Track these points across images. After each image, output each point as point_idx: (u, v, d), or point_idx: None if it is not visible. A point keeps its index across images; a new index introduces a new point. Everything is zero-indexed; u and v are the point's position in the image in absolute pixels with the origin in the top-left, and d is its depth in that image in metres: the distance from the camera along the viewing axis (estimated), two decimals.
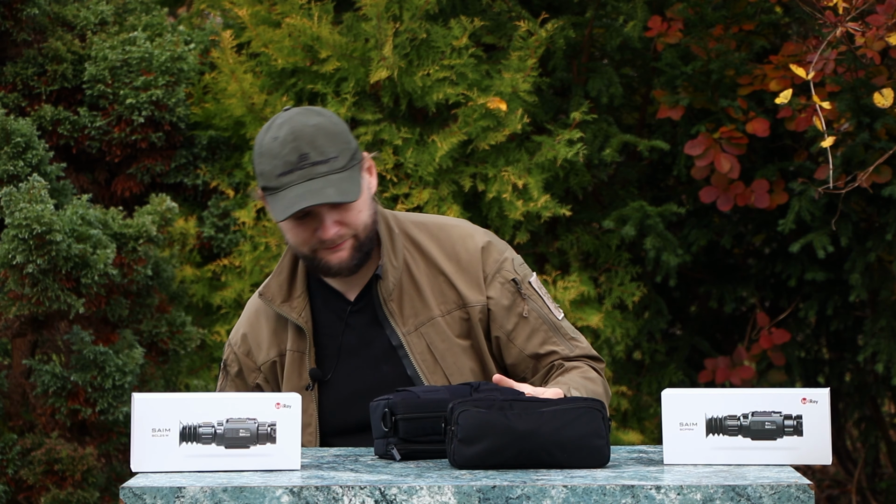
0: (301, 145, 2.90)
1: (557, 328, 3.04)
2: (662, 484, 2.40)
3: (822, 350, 6.11)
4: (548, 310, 3.04)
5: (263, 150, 2.93)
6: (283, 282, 3.03)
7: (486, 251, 3.04)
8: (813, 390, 2.62)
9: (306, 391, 3.00)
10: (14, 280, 4.48)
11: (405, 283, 3.00)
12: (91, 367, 4.54)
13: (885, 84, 4.91)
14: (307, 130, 2.91)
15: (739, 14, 5.43)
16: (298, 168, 2.89)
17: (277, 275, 3.04)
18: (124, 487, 2.41)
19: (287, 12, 5.25)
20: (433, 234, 3.05)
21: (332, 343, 3.02)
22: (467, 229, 3.07)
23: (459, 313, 3.01)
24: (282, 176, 2.89)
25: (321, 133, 2.92)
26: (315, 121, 2.94)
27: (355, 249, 2.94)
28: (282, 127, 2.93)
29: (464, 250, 3.03)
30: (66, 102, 5.23)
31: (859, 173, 4.81)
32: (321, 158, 2.89)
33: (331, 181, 2.88)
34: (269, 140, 2.93)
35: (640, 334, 5.49)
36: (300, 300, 3.01)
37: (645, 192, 5.65)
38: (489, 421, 2.58)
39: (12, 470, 4.55)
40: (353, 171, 2.93)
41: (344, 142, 2.93)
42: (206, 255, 5.33)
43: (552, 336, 3.03)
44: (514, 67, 5.16)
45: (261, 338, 3.06)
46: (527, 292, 3.03)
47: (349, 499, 2.40)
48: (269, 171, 2.91)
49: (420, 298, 3.00)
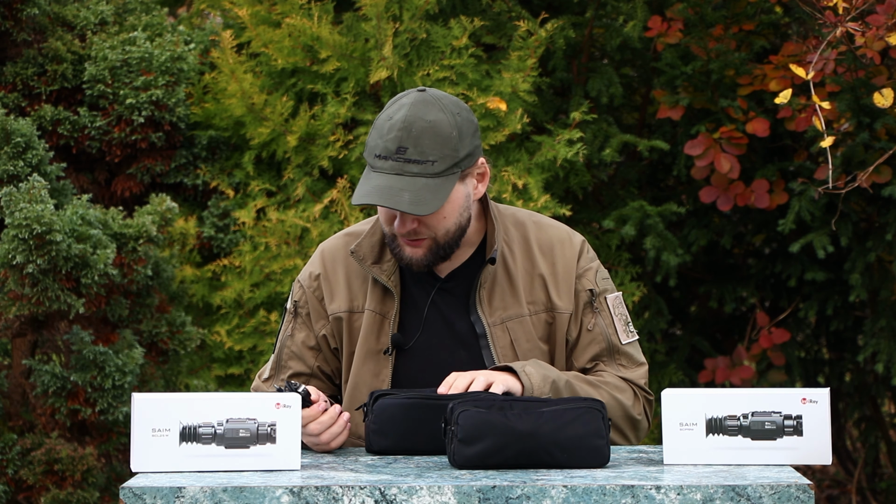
0: (405, 138, 2.87)
1: (614, 350, 3.01)
2: (662, 484, 2.40)
3: (822, 350, 6.11)
4: (613, 330, 3.01)
5: (377, 123, 2.93)
6: (375, 244, 3.02)
7: (581, 259, 3.04)
8: (813, 390, 2.62)
9: (383, 355, 2.98)
10: (14, 280, 4.48)
11: (499, 275, 2.99)
12: (91, 367, 4.54)
13: (885, 84, 4.91)
14: (418, 125, 2.87)
15: (739, 14, 5.43)
16: (393, 159, 2.87)
17: (370, 235, 3.02)
18: (124, 487, 2.41)
19: (287, 12, 5.25)
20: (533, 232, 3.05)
21: (415, 314, 2.99)
22: (565, 232, 3.07)
23: (545, 316, 3.00)
24: (377, 158, 2.88)
25: (431, 133, 2.87)
26: (432, 118, 2.88)
27: (431, 251, 2.93)
28: (400, 109, 2.90)
29: (561, 255, 3.03)
30: (66, 102, 5.23)
31: (859, 173, 4.81)
32: (418, 158, 2.86)
33: (416, 185, 2.85)
34: (385, 117, 2.91)
35: (639, 334, 5.48)
36: (390, 264, 2.99)
37: (645, 192, 5.65)
38: (489, 421, 2.58)
39: (12, 470, 4.55)
40: (448, 179, 2.88)
41: (451, 148, 2.88)
42: (206, 255, 5.33)
43: (604, 357, 3.01)
44: (514, 67, 5.16)
45: (335, 287, 3.03)
46: (598, 307, 3.02)
47: (349, 499, 2.40)
48: (371, 146, 2.91)
49: (512, 293, 2.99)
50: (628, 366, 3.01)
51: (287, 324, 3.07)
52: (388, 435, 2.80)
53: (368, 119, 5.15)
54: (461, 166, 2.90)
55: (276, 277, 5.17)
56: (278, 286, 5.16)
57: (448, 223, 2.92)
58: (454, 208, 2.92)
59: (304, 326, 3.05)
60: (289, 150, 5.23)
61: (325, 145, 5.18)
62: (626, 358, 3.01)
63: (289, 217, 5.14)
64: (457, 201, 2.92)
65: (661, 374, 5.51)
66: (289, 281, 5.13)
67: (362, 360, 2.98)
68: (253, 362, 5.22)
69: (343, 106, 5.14)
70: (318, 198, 5.19)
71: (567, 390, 2.88)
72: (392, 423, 2.79)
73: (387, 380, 2.97)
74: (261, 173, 5.32)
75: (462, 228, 2.95)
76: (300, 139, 5.20)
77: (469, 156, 2.92)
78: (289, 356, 3.04)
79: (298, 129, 5.17)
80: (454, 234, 2.94)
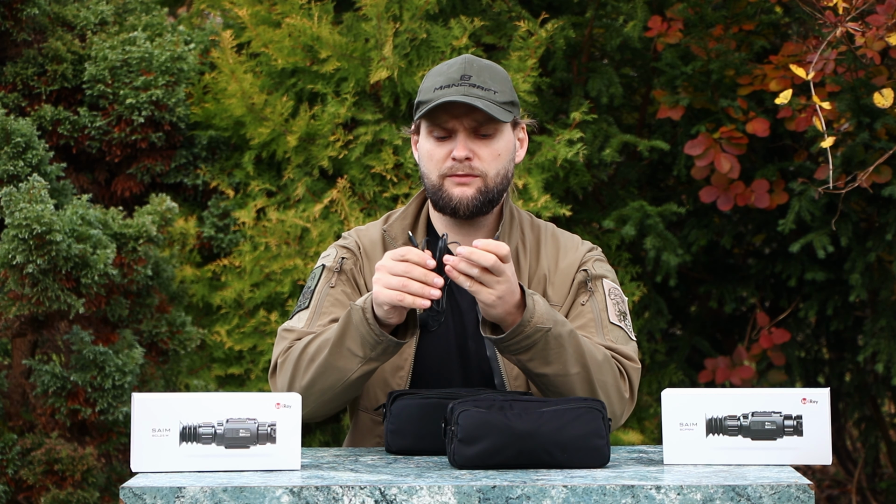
0: (468, 68, 2.95)
1: (602, 324, 3.00)
2: (662, 484, 2.40)
3: (822, 350, 6.12)
4: (604, 307, 3.01)
5: (432, 71, 3.00)
6: (406, 227, 3.07)
7: (584, 256, 3.06)
8: (813, 390, 2.62)
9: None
10: (14, 280, 4.48)
11: None
12: (91, 367, 4.54)
13: (885, 84, 4.92)
14: (479, 63, 2.97)
15: (739, 14, 5.43)
16: (457, 84, 2.94)
17: (402, 219, 3.08)
18: (124, 487, 2.41)
19: (287, 12, 5.25)
20: (547, 235, 3.08)
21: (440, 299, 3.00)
22: (578, 239, 3.11)
23: None
24: (438, 90, 2.94)
25: (491, 70, 2.98)
26: (488, 63, 2.99)
27: (480, 192, 2.97)
28: (456, 59, 2.99)
29: (565, 256, 3.06)
30: (66, 102, 5.23)
31: (859, 173, 4.81)
32: (482, 85, 2.94)
33: (483, 102, 2.92)
34: (440, 65, 3.00)
35: (640, 334, 5.49)
36: (421, 246, 3.01)
37: (645, 192, 5.65)
38: (489, 421, 2.58)
39: (12, 470, 4.55)
40: (507, 113, 2.96)
41: (508, 88, 2.98)
42: (206, 255, 5.33)
43: (591, 328, 2.99)
44: (514, 67, 5.16)
45: (368, 266, 3.06)
46: (593, 287, 3.03)
47: (349, 499, 2.40)
48: (428, 86, 2.97)
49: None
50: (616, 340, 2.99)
51: (327, 279, 3.04)
52: (405, 435, 2.81)
53: (368, 119, 5.15)
54: (515, 111, 2.99)
55: (276, 277, 5.17)
56: (278, 286, 5.16)
57: (500, 164, 2.97)
58: (507, 149, 3.00)
59: (348, 283, 3.06)
60: (289, 150, 5.23)
61: (325, 145, 5.18)
62: (613, 334, 2.99)
63: (289, 217, 5.14)
64: (509, 143, 3.00)
65: (661, 374, 5.51)
66: (289, 281, 5.13)
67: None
68: (253, 362, 5.22)
69: (343, 106, 5.14)
70: (318, 198, 5.19)
71: (570, 338, 2.83)
72: (410, 424, 2.80)
73: (410, 359, 2.98)
74: (261, 173, 5.32)
75: (507, 180, 2.99)
76: (300, 139, 5.20)
77: (518, 106, 3.00)
78: (331, 303, 3.02)
79: (298, 129, 5.17)
80: (501, 180, 2.98)
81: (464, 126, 2.94)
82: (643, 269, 5.51)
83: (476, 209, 2.98)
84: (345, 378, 2.84)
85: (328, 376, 2.85)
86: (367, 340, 2.80)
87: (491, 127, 2.96)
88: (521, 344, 2.79)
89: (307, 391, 2.86)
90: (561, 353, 2.82)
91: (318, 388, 2.86)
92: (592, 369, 2.86)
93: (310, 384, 2.86)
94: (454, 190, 2.96)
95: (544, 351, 2.81)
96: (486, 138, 2.96)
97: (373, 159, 5.15)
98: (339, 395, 2.87)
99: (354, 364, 2.83)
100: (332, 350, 2.83)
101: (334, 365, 2.84)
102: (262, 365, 5.18)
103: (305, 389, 2.86)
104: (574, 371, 2.83)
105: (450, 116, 2.94)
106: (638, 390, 3.07)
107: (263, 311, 5.19)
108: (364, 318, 2.79)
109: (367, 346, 2.81)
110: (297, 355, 2.90)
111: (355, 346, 2.82)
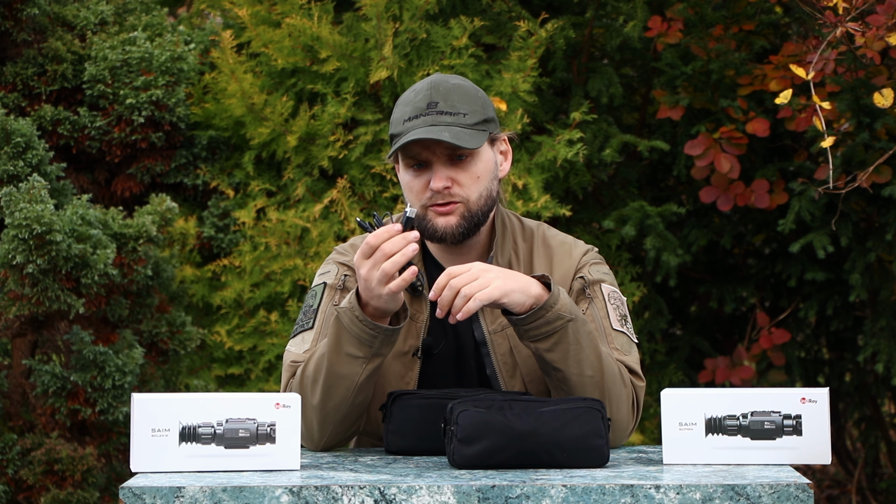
0: (433, 95, 2.91)
1: (606, 332, 2.97)
2: (662, 483, 2.40)
3: (822, 350, 6.11)
4: (605, 314, 2.98)
5: (400, 99, 2.96)
6: None
7: (581, 260, 3.03)
8: (812, 390, 2.62)
9: (411, 357, 2.96)
10: (14, 280, 4.48)
11: None
12: (91, 367, 4.54)
13: (885, 84, 4.91)
14: (445, 85, 2.93)
15: (739, 14, 5.43)
16: (425, 114, 2.90)
17: None
18: (124, 487, 2.42)
19: (287, 12, 5.25)
20: (539, 241, 3.05)
21: (436, 319, 2.95)
22: (571, 240, 3.07)
23: None
24: (407, 121, 2.90)
25: (458, 91, 2.93)
26: (456, 81, 2.95)
27: (464, 218, 2.93)
28: (423, 81, 2.96)
29: (560, 261, 3.02)
30: (66, 102, 5.23)
31: (859, 173, 4.81)
32: (450, 111, 2.90)
33: (452, 130, 2.88)
34: (407, 92, 2.96)
35: (640, 334, 5.49)
36: (418, 265, 2.98)
37: (645, 192, 5.65)
38: (488, 421, 2.58)
39: (12, 470, 4.55)
40: (480, 133, 2.92)
41: (480, 105, 2.93)
42: (206, 255, 5.33)
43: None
44: (514, 67, 5.16)
45: None
46: (591, 294, 3.00)
47: (349, 499, 2.40)
48: (398, 117, 2.93)
49: None
50: (621, 349, 2.96)
51: (330, 297, 3.01)
52: (405, 435, 2.80)
53: (368, 119, 5.15)
54: (490, 127, 2.94)
55: (276, 277, 5.17)
56: (278, 286, 5.16)
57: (480, 186, 2.93)
58: (487, 169, 2.95)
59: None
60: (289, 150, 5.23)
61: (325, 145, 5.18)
62: (618, 342, 2.97)
63: (289, 217, 5.14)
64: (488, 163, 2.95)
65: (661, 374, 5.51)
66: (289, 281, 5.13)
67: (389, 360, 2.96)
68: (253, 362, 5.22)
69: (343, 106, 5.14)
70: (318, 198, 5.19)
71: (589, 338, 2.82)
72: (410, 424, 2.80)
73: (412, 382, 2.96)
74: (261, 173, 5.32)
75: (491, 199, 2.95)
76: (300, 139, 5.20)
77: (494, 122, 2.95)
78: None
79: (298, 129, 5.17)
80: (485, 201, 2.94)
81: (437, 156, 2.91)
82: (643, 269, 5.51)
83: (462, 235, 2.94)
84: (353, 384, 2.82)
85: (337, 388, 2.83)
86: (363, 338, 2.80)
87: (466, 150, 2.92)
88: (542, 329, 2.78)
89: (322, 412, 2.84)
90: (579, 351, 2.82)
91: (332, 405, 2.84)
92: (607, 377, 2.85)
93: (322, 403, 2.84)
94: (438, 220, 2.93)
95: (564, 342, 2.80)
96: (463, 161, 2.92)
97: (373, 159, 5.15)
98: (354, 404, 2.84)
99: (358, 367, 2.82)
100: (332, 360, 2.82)
101: (338, 374, 2.82)
102: (261, 365, 5.18)
103: (320, 410, 2.84)
104: (589, 374, 2.83)
105: (422, 148, 2.91)
106: None
107: (263, 311, 5.19)
108: (354, 317, 2.79)
109: (365, 345, 2.80)
110: (298, 382, 2.89)
111: (353, 348, 2.81)
